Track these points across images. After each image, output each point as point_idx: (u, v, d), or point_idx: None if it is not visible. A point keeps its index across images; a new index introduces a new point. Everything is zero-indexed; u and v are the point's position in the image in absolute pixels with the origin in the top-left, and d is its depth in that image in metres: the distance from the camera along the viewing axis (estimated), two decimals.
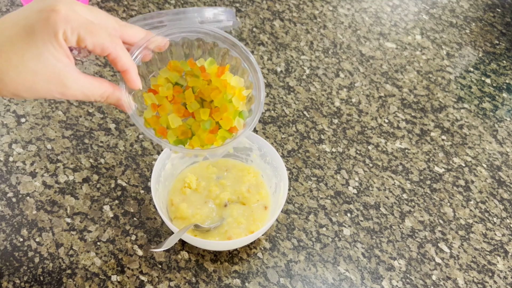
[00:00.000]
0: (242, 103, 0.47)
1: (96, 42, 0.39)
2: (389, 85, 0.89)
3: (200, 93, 0.46)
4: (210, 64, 0.47)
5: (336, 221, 0.68)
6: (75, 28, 0.37)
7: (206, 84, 0.46)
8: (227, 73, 0.47)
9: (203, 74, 0.46)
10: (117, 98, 0.43)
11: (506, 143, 0.83)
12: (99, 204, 0.65)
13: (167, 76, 0.47)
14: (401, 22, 1.02)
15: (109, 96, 0.42)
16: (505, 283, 0.65)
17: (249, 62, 0.48)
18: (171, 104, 0.46)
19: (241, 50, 0.47)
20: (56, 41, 0.37)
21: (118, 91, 0.43)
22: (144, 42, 0.44)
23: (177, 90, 0.46)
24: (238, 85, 0.47)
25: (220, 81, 0.46)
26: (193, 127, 0.46)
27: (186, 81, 0.47)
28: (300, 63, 0.89)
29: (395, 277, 0.63)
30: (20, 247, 0.60)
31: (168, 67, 0.47)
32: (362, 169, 0.75)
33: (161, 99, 0.46)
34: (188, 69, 0.47)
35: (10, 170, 0.67)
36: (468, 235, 0.70)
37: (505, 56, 1.00)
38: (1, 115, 0.73)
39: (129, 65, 0.42)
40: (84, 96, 0.40)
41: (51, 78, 0.38)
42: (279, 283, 0.61)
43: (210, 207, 0.64)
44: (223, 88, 0.46)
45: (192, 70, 0.47)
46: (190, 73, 0.47)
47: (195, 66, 0.47)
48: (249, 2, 0.99)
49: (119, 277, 0.59)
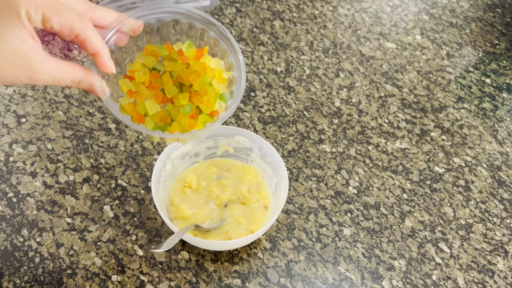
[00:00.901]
0: (223, 85, 0.45)
1: (63, 22, 0.36)
2: (389, 85, 0.89)
3: (178, 77, 0.44)
4: (188, 47, 0.45)
5: (336, 221, 0.68)
6: (39, 7, 0.35)
7: (185, 68, 0.44)
8: (206, 55, 0.45)
9: (181, 57, 0.44)
10: (89, 83, 0.40)
11: (506, 143, 0.83)
12: (100, 204, 0.65)
13: (144, 61, 0.45)
14: (401, 22, 1.02)
15: (81, 80, 0.40)
16: (505, 283, 0.65)
17: (229, 42, 0.46)
18: (149, 90, 0.44)
19: (219, 30, 0.45)
20: (19, 21, 0.34)
21: (90, 75, 0.40)
22: (116, 24, 0.42)
23: (154, 75, 0.44)
24: (218, 67, 0.45)
25: (199, 64, 0.44)
26: (172, 113, 0.44)
27: (163, 66, 0.45)
28: (300, 63, 0.89)
29: (395, 277, 0.64)
30: (21, 247, 0.60)
31: (144, 52, 0.45)
32: (362, 169, 0.75)
33: (137, 85, 0.44)
34: (166, 53, 0.45)
35: (10, 170, 0.67)
36: (468, 235, 0.70)
37: (505, 56, 1.00)
38: (2, 115, 0.73)
39: (100, 47, 0.39)
40: (54, 81, 0.38)
41: (16, 61, 0.35)
42: (279, 283, 0.61)
43: (211, 207, 0.64)
44: (202, 71, 0.44)
45: (169, 54, 0.45)
46: (168, 58, 0.45)
47: (173, 50, 0.45)
48: (249, 2, 0.99)
49: (119, 277, 0.59)
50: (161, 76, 0.45)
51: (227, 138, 0.68)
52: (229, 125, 0.77)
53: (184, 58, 0.45)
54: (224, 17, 0.95)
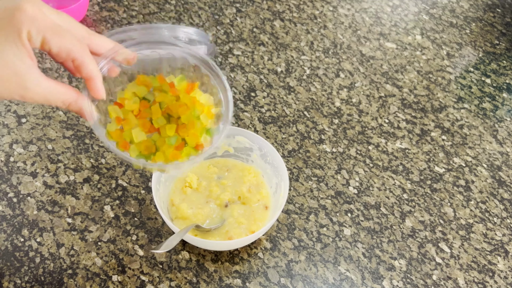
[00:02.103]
0: (210, 120, 0.46)
1: (62, 46, 0.37)
2: (389, 85, 0.89)
3: (167, 109, 0.45)
4: (180, 81, 0.47)
5: (337, 221, 0.68)
6: (41, 29, 0.36)
7: (175, 100, 0.45)
8: (196, 90, 0.46)
9: (172, 89, 0.45)
10: (79, 106, 0.41)
11: (506, 143, 0.83)
12: (100, 204, 0.65)
13: (135, 90, 0.46)
14: (401, 22, 1.02)
15: (71, 103, 0.41)
16: (506, 283, 0.65)
17: (219, 79, 0.47)
18: (137, 118, 0.45)
19: (211, 67, 0.46)
20: (19, 40, 0.35)
21: (81, 99, 0.41)
22: (112, 53, 0.43)
23: (144, 105, 0.45)
24: (207, 102, 0.47)
25: (189, 98, 0.45)
26: (158, 143, 0.45)
27: (154, 96, 0.46)
28: (301, 63, 0.89)
29: (396, 277, 0.64)
30: (21, 247, 0.60)
31: (137, 81, 0.46)
32: (363, 169, 0.75)
33: (126, 113, 0.45)
34: (157, 84, 0.46)
35: (11, 170, 0.67)
36: (469, 235, 0.70)
37: (505, 56, 1.00)
38: (2, 115, 0.73)
39: (95, 73, 0.41)
40: (45, 101, 0.39)
41: (12, 79, 0.36)
42: (280, 283, 0.61)
43: (211, 207, 0.64)
44: (192, 104, 0.45)
45: (161, 85, 0.46)
46: (159, 89, 0.46)
47: (164, 82, 0.46)
48: (249, 2, 0.99)
49: (120, 277, 0.59)
50: (151, 106, 0.45)
51: (228, 138, 0.68)
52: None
53: (175, 90, 0.45)
54: (224, 17, 0.95)
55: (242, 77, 0.84)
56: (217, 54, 0.87)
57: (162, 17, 0.93)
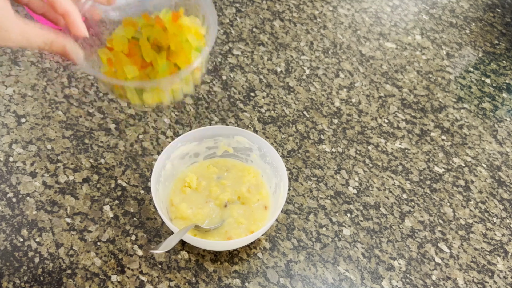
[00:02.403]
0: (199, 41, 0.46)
1: None
2: (389, 85, 0.89)
3: (156, 41, 0.45)
4: (165, 13, 0.46)
5: (336, 221, 0.68)
6: None
7: (162, 31, 0.45)
8: (182, 17, 0.46)
9: (158, 22, 0.45)
10: (62, 45, 0.40)
11: (506, 143, 0.83)
12: (99, 204, 0.65)
13: (122, 32, 0.45)
14: (401, 22, 1.02)
15: (53, 42, 0.39)
16: (505, 283, 0.65)
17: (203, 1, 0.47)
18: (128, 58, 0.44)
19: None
20: None
21: (62, 37, 0.40)
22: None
23: (133, 43, 0.45)
24: (194, 25, 0.46)
25: (175, 26, 0.45)
26: (151, 75, 0.45)
27: (142, 34, 0.46)
28: (300, 63, 0.89)
29: (395, 277, 0.64)
30: (20, 247, 0.60)
31: (123, 23, 0.46)
32: (362, 169, 0.75)
33: (117, 54, 0.44)
34: (143, 22, 0.46)
35: (10, 170, 0.67)
36: (468, 235, 0.70)
37: (505, 56, 1.00)
38: (1, 115, 0.73)
39: (70, 8, 0.39)
40: (27, 41, 0.38)
41: None
42: (279, 283, 0.61)
43: (210, 207, 0.64)
44: (179, 31, 0.45)
45: (147, 22, 0.46)
46: (146, 25, 0.46)
47: (150, 18, 0.46)
48: (249, 2, 0.99)
49: (119, 277, 0.59)
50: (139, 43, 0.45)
51: (227, 138, 0.68)
52: (229, 125, 0.77)
53: (161, 22, 0.45)
54: (224, 17, 0.95)
55: (241, 77, 0.84)
56: (217, 54, 0.87)
57: None
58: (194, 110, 0.78)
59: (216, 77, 0.84)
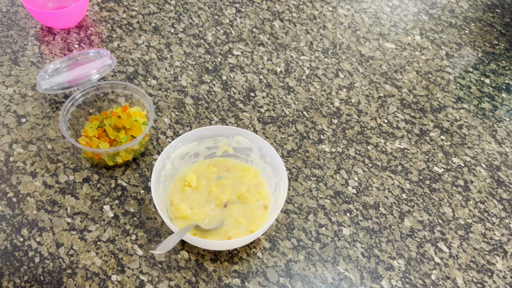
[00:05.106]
0: (143, 119, 0.70)
1: None
2: (389, 85, 0.89)
3: (115, 126, 0.69)
4: (116, 108, 0.72)
5: (336, 221, 0.68)
6: None
7: (117, 118, 0.70)
8: (129, 108, 0.71)
9: (114, 114, 0.70)
10: None
11: (505, 143, 0.84)
12: (100, 204, 0.65)
13: (91, 125, 0.69)
14: (400, 23, 1.02)
15: None
16: (504, 283, 0.65)
17: (140, 93, 0.72)
18: (99, 139, 0.68)
19: (131, 88, 0.72)
20: None
21: None
22: None
23: (100, 130, 0.69)
24: (138, 110, 0.72)
25: (126, 114, 0.70)
26: (118, 145, 0.67)
27: (104, 124, 0.69)
28: (300, 64, 0.89)
29: (395, 277, 0.64)
30: (21, 247, 0.60)
31: (90, 120, 0.70)
32: (362, 169, 0.75)
33: (91, 138, 0.67)
34: (103, 117, 0.70)
35: (10, 170, 0.67)
36: (467, 235, 0.70)
37: (504, 56, 1.00)
38: (2, 115, 0.73)
39: None
40: None
41: None
42: (279, 282, 0.61)
43: (210, 207, 0.64)
44: (128, 117, 0.70)
45: (105, 116, 0.70)
46: (105, 118, 0.70)
47: (106, 113, 0.71)
48: (249, 3, 0.99)
49: (119, 276, 0.59)
50: (104, 129, 0.69)
51: (227, 138, 0.68)
52: (229, 125, 0.77)
53: (115, 113, 0.70)
54: (224, 17, 0.95)
55: (241, 77, 0.85)
56: (217, 54, 0.88)
57: (162, 17, 0.93)
58: (194, 110, 0.79)
59: (216, 77, 0.84)
